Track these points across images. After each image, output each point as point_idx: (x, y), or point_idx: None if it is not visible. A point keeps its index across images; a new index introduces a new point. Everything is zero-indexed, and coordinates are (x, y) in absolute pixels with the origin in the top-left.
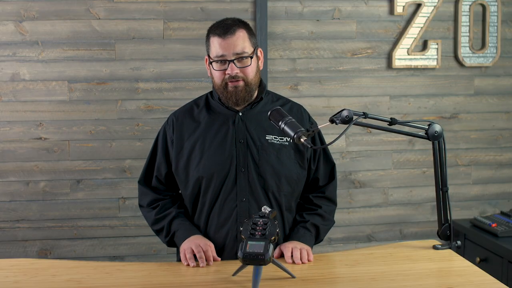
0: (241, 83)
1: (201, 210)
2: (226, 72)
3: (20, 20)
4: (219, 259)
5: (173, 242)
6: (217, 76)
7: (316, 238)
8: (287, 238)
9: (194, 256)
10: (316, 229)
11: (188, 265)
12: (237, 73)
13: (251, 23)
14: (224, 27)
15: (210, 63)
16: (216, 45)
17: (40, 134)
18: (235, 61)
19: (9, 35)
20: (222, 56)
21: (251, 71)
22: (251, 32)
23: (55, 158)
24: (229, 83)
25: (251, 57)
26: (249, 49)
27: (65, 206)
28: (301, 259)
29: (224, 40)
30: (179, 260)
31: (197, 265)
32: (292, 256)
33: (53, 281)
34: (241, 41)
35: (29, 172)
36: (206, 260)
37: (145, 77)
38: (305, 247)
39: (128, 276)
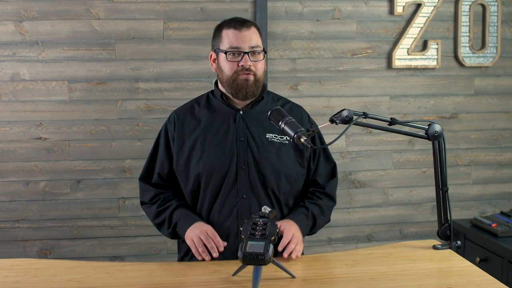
0: (251, 77)
1: (201, 207)
2: (240, 64)
3: (20, 20)
4: (225, 243)
5: (176, 233)
6: (228, 67)
7: (310, 229)
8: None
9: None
10: (314, 220)
11: (203, 259)
12: (250, 65)
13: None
14: (240, 21)
15: (225, 53)
16: (231, 37)
17: (40, 134)
18: (249, 54)
19: (9, 35)
20: (237, 47)
21: (261, 67)
22: (260, 32)
23: (55, 158)
24: (241, 75)
25: (265, 52)
26: (261, 45)
27: (65, 206)
28: (291, 253)
29: (240, 32)
30: (180, 260)
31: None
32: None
33: (53, 281)
34: (255, 36)
35: (29, 172)
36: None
37: (145, 77)
38: (301, 238)
39: (128, 276)
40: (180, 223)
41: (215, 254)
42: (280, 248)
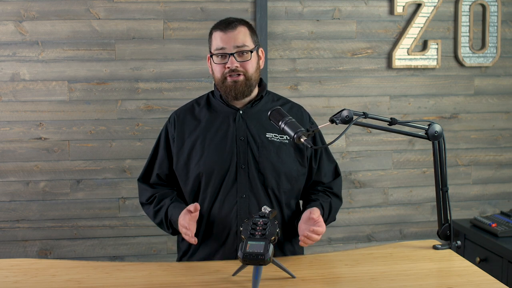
0: (241, 77)
1: (201, 206)
2: (226, 66)
3: (20, 20)
4: (196, 205)
5: (175, 230)
6: (217, 70)
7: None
8: (288, 231)
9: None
10: (325, 218)
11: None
12: (237, 66)
13: (251, 23)
14: (226, 23)
15: (211, 56)
16: (217, 39)
17: (40, 134)
18: (235, 54)
19: (9, 35)
20: (222, 49)
21: (251, 66)
22: (252, 31)
23: (55, 158)
24: (229, 77)
25: (251, 52)
26: (249, 44)
27: (65, 206)
28: (308, 238)
29: (225, 34)
30: (179, 259)
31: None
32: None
33: (53, 281)
34: (242, 35)
35: (29, 172)
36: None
37: (145, 77)
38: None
39: (128, 276)
40: (173, 219)
41: (194, 241)
42: (307, 217)
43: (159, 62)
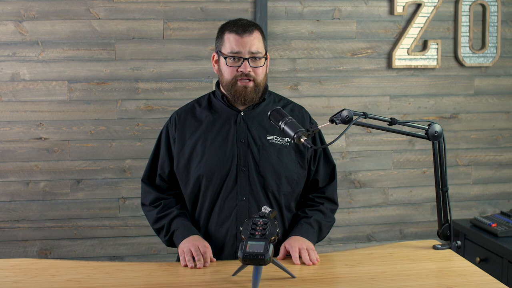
0: (251, 83)
1: (201, 208)
2: (239, 70)
3: (20, 20)
4: (215, 260)
5: (172, 241)
6: (228, 72)
7: (318, 234)
8: (288, 233)
9: (193, 258)
10: (319, 225)
11: (186, 265)
12: (249, 71)
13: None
14: (242, 26)
15: (224, 58)
16: (233, 41)
17: (40, 134)
18: (249, 59)
19: (9, 35)
20: (237, 52)
21: (262, 72)
22: (264, 36)
23: (55, 158)
24: (239, 81)
25: (265, 58)
26: (262, 50)
27: (65, 206)
28: (310, 260)
29: (241, 38)
30: (178, 260)
31: (195, 266)
32: (300, 257)
33: (53, 281)
34: (257, 41)
35: (29, 172)
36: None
37: (145, 77)
38: (310, 245)
39: (128, 276)
40: (177, 233)
41: (199, 265)
42: (296, 262)
43: (159, 62)
